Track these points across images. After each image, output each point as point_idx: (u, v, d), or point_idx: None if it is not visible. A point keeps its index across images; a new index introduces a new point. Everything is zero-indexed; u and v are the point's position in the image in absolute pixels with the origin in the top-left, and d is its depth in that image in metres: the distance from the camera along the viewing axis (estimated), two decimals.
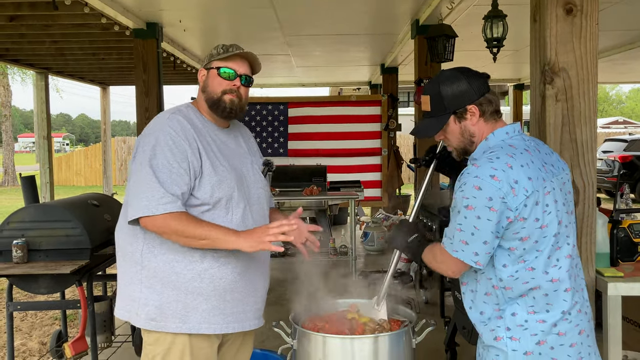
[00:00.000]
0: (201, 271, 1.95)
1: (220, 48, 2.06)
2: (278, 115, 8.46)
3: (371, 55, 8.67)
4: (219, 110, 2.04)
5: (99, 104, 11.36)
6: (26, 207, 3.44)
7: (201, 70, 2.09)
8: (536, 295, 1.67)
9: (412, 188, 9.67)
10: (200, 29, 6.58)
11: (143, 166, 1.89)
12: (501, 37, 4.29)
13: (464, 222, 1.65)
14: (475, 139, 1.77)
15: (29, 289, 3.31)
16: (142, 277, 1.95)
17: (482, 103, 1.73)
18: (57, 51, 7.24)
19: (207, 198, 1.94)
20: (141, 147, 1.95)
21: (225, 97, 2.03)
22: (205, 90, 2.05)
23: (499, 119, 1.78)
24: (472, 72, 1.75)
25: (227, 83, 2.03)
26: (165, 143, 1.90)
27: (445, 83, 1.75)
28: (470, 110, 1.74)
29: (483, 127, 1.75)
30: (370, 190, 8.21)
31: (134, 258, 1.97)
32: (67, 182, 21.44)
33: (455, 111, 1.74)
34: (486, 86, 1.74)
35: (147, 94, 5.87)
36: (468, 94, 1.72)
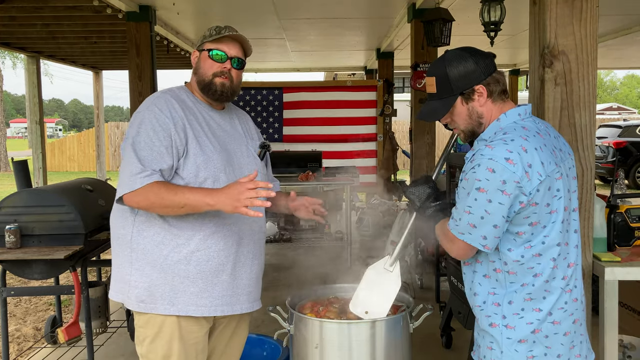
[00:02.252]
0: (188, 254, 1.94)
1: (213, 30, 2.04)
2: (273, 100, 8.40)
3: (367, 40, 8.60)
4: (210, 92, 2.03)
5: (91, 89, 11.24)
6: (19, 192, 3.40)
7: (194, 52, 2.09)
8: (537, 282, 1.65)
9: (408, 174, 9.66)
10: (194, 12, 6.49)
11: (128, 144, 1.91)
12: (499, 20, 4.25)
13: (474, 204, 1.59)
14: (483, 120, 1.71)
15: (22, 275, 3.28)
16: (133, 260, 1.96)
17: (490, 83, 1.68)
18: (48, 34, 7.14)
19: (192, 178, 1.93)
20: (130, 127, 1.97)
21: (216, 79, 2.02)
22: (197, 72, 2.05)
23: (507, 99, 1.73)
24: (478, 52, 1.70)
25: (218, 65, 2.01)
26: (149, 121, 1.91)
27: (451, 63, 1.68)
28: (478, 90, 1.68)
29: (491, 107, 1.70)
30: (365, 176, 8.19)
31: (125, 241, 1.98)
32: (60, 168, 21.31)
33: (462, 92, 1.69)
34: (493, 65, 1.69)
35: (140, 78, 5.80)
36: (475, 74, 1.66)
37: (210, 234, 1.96)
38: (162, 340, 1.96)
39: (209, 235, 1.96)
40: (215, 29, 2.04)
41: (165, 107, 1.94)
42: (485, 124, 1.72)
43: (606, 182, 13.49)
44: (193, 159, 1.93)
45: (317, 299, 2.30)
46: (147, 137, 1.89)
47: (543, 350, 1.66)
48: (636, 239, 2.63)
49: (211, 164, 1.95)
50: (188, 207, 1.84)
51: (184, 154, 1.92)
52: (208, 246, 1.95)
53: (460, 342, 3.86)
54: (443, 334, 3.87)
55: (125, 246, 1.98)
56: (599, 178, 13.56)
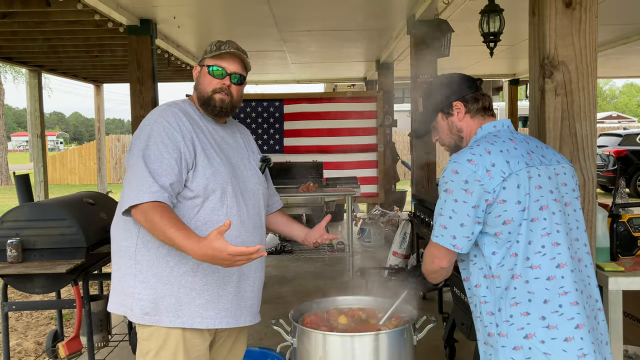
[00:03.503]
0: (194, 266, 1.94)
1: (214, 45, 2.05)
2: (273, 112, 8.43)
3: (366, 51, 8.64)
4: (209, 108, 2.04)
5: (92, 102, 11.27)
6: (20, 206, 3.41)
7: (196, 67, 2.10)
8: (517, 284, 1.66)
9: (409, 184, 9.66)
10: (195, 25, 6.53)
11: (136, 158, 1.89)
12: (498, 31, 4.27)
13: (443, 206, 1.71)
14: (463, 134, 1.87)
15: (24, 289, 3.28)
16: (136, 272, 1.95)
17: (468, 100, 1.86)
18: (50, 48, 7.17)
19: (201, 190, 1.94)
20: (136, 139, 1.96)
21: (215, 95, 2.03)
22: (197, 88, 2.06)
23: (489, 116, 1.87)
24: (460, 76, 1.90)
25: (217, 82, 2.02)
26: (158, 134, 1.91)
27: (438, 84, 1.91)
28: (455, 106, 1.86)
29: (470, 123, 1.86)
30: (366, 186, 8.20)
31: (129, 253, 1.97)
32: (62, 181, 21.34)
33: (442, 108, 1.88)
34: (473, 86, 1.88)
35: (141, 91, 5.82)
36: (453, 92, 1.87)
37: None
38: (166, 352, 1.94)
39: None
40: (215, 44, 2.05)
41: (173, 120, 1.94)
42: (466, 138, 1.87)
43: (607, 191, 13.47)
44: (202, 172, 1.93)
45: (320, 311, 2.29)
46: (157, 149, 1.88)
47: (542, 357, 1.63)
48: (638, 249, 2.62)
49: (219, 177, 1.96)
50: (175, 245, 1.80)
51: (193, 166, 1.93)
52: None
53: (464, 354, 3.83)
54: (446, 345, 3.85)
55: (128, 258, 1.97)
56: (600, 187, 13.55)
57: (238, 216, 2.01)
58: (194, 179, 1.92)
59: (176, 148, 1.90)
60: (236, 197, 2.01)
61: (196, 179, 1.93)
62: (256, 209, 2.13)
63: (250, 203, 2.09)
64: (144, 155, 1.88)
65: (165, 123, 1.93)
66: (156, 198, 1.82)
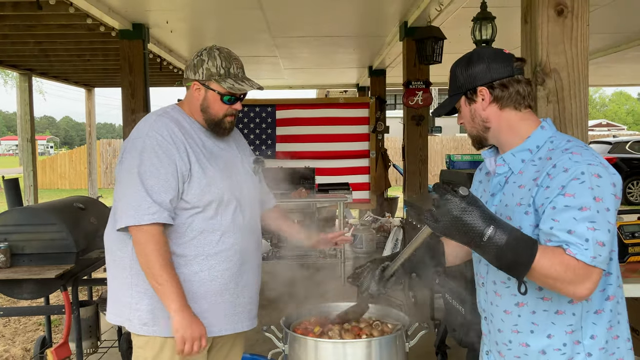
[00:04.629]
0: (191, 274, 1.92)
1: (221, 67, 1.96)
2: (266, 118, 8.42)
3: (359, 58, 8.67)
4: (220, 130, 2.03)
5: (83, 106, 11.21)
6: (9, 211, 3.37)
7: (196, 84, 2.00)
8: (613, 307, 1.49)
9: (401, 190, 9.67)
10: (187, 30, 6.53)
11: (131, 173, 1.86)
12: (490, 38, 4.30)
13: (597, 217, 1.33)
14: (489, 125, 1.57)
15: (12, 295, 3.23)
16: (133, 282, 1.93)
17: (495, 87, 1.53)
18: (41, 52, 7.14)
19: (197, 201, 1.92)
20: (128, 153, 1.92)
21: (226, 119, 2.02)
22: (206, 112, 2.01)
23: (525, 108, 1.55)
24: (498, 54, 1.56)
25: (228, 107, 2.01)
26: (152, 148, 1.87)
27: (462, 61, 1.59)
28: (480, 92, 1.55)
29: (498, 114, 1.55)
30: (358, 192, 8.19)
31: (124, 263, 1.95)
32: (52, 186, 21.17)
33: (466, 92, 1.58)
34: (508, 70, 1.53)
35: (133, 96, 5.80)
36: (481, 75, 1.54)
37: (214, 254, 1.95)
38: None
39: (213, 255, 1.94)
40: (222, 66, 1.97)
41: (165, 132, 1.91)
42: (495, 132, 1.57)
43: None
44: (197, 183, 1.91)
45: (312, 317, 2.27)
46: (152, 165, 1.85)
47: None
48: (630, 255, 2.63)
49: (214, 187, 1.94)
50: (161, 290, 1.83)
51: (188, 178, 1.91)
52: (212, 266, 1.94)
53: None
54: (438, 352, 3.84)
55: (123, 268, 1.95)
56: None
57: (234, 223, 1.99)
58: (189, 191, 1.91)
59: (171, 162, 1.87)
60: (232, 204, 1.99)
61: (191, 190, 1.91)
62: (252, 214, 2.12)
63: (246, 208, 2.07)
64: (139, 172, 1.84)
65: (158, 136, 1.89)
66: (156, 219, 1.81)
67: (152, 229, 1.82)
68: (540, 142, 1.52)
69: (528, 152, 1.53)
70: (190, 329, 1.80)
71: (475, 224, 1.30)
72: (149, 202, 1.82)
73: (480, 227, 1.30)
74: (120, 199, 1.87)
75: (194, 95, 2.02)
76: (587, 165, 1.37)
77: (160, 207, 1.82)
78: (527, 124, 1.55)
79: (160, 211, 1.82)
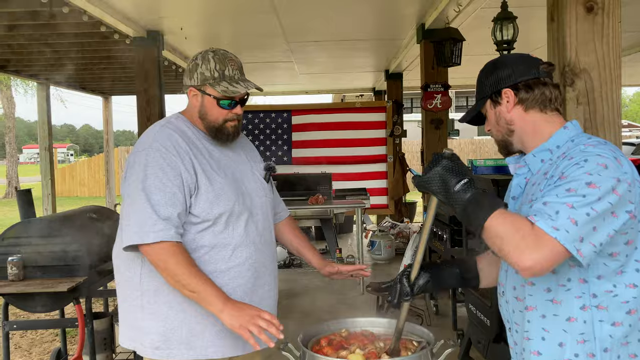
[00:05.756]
0: None
1: (215, 70, 1.86)
2: (282, 123, 8.36)
3: (375, 61, 8.57)
4: (222, 137, 1.92)
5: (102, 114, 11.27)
6: (22, 222, 3.33)
7: (192, 90, 1.92)
8: (633, 322, 1.38)
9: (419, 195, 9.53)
10: (202, 36, 6.48)
11: (135, 188, 1.77)
12: (512, 39, 4.16)
13: (579, 200, 1.28)
14: (514, 127, 1.54)
15: (25, 308, 3.19)
16: (144, 303, 1.84)
17: (520, 89, 1.51)
18: (57, 61, 7.15)
19: (206, 215, 1.82)
20: (131, 168, 1.83)
21: (227, 124, 1.91)
22: (205, 118, 1.91)
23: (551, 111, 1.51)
24: (524, 57, 1.56)
25: (227, 112, 1.90)
26: (156, 161, 1.78)
27: (487, 67, 1.59)
28: (504, 94, 1.53)
29: (523, 116, 1.52)
30: (376, 197, 8.08)
31: (133, 283, 1.86)
32: (71, 193, 21.38)
33: (490, 95, 1.56)
34: (533, 72, 1.51)
35: (148, 103, 5.76)
36: (505, 78, 1.53)
37: (226, 270, 1.85)
38: None
39: (225, 271, 1.85)
40: (216, 69, 1.87)
41: (169, 143, 1.81)
42: (519, 134, 1.54)
43: None
44: (205, 196, 1.82)
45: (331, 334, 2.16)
46: (157, 179, 1.76)
47: None
48: None
49: (223, 198, 1.84)
50: (197, 296, 1.73)
51: (195, 190, 1.81)
52: (226, 283, 1.84)
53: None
54: None
55: (133, 289, 1.86)
56: None
57: (246, 236, 1.90)
58: (197, 204, 1.81)
59: (177, 174, 1.78)
60: (243, 216, 1.89)
61: (199, 203, 1.81)
62: (265, 224, 2.02)
63: (259, 219, 1.97)
64: (144, 187, 1.75)
65: (161, 148, 1.80)
66: (161, 237, 1.72)
67: (164, 245, 1.73)
68: (561, 142, 1.48)
69: (548, 152, 1.50)
70: (242, 316, 1.67)
71: (450, 175, 1.37)
72: (155, 219, 1.73)
73: (453, 179, 1.37)
74: (126, 216, 1.79)
75: (192, 102, 1.94)
76: (595, 156, 1.34)
77: (167, 224, 1.73)
78: (551, 125, 1.52)
79: (167, 228, 1.73)
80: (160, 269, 1.75)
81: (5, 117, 21.12)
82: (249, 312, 1.69)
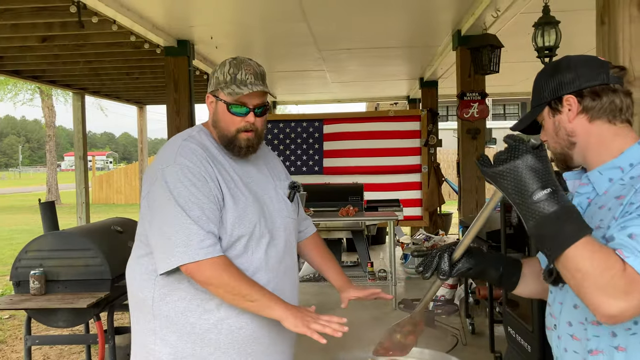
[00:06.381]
0: (217, 321, 1.69)
1: (228, 74, 1.75)
2: (313, 132, 8.25)
3: (409, 69, 8.38)
4: (235, 150, 1.77)
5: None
6: (45, 235, 3.28)
7: (209, 96, 1.81)
8: None
9: (454, 205, 9.26)
10: (233, 45, 6.42)
11: (168, 206, 1.63)
12: (554, 45, 3.93)
13: None
14: (575, 139, 1.33)
15: (47, 323, 3.13)
16: (155, 327, 1.72)
17: (585, 96, 1.30)
18: (91, 71, 7.22)
19: (226, 236, 1.68)
20: (155, 184, 1.69)
21: (240, 135, 1.76)
22: (217, 126, 1.78)
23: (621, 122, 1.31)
24: (590, 60, 1.36)
25: (240, 119, 1.75)
26: (186, 177, 1.65)
27: (547, 70, 1.39)
28: (566, 101, 1.32)
29: (588, 128, 1.31)
30: (409, 209, 7.87)
31: (146, 306, 1.74)
32: (108, 201, 21.78)
33: (550, 101, 1.36)
34: (602, 77, 1.31)
35: (178, 113, 5.73)
36: (568, 83, 1.31)
37: None
38: None
39: None
40: (229, 72, 1.75)
41: (194, 157, 1.69)
42: (582, 148, 1.33)
43: None
44: (227, 216, 1.68)
45: None
46: (191, 194, 1.63)
47: None
48: None
49: (245, 220, 1.71)
50: (257, 304, 1.62)
51: (222, 210, 1.68)
52: (240, 312, 1.69)
53: None
54: None
55: (146, 312, 1.74)
56: None
57: (266, 261, 1.75)
58: (221, 225, 1.68)
59: (209, 191, 1.66)
60: (264, 239, 1.75)
61: (223, 224, 1.68)
62: (287, 248, 1.86)
63: (281, 242, 1.82)
64: (179, 204, 1.62)
65: (188, 164, 1.67)
66: (212, 253, 1.60)
67: (214, 260, 1.61)
68: (635, 160, 1.26)
69: (618, 170, 1.29)
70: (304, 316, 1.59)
71: (531, 177, 1.11)
72: (202, 235, 1.60)
73: (534, 183, 1.11)
74: (162, 236, 1.64)
75: (209, 110, 1.83)
76: None
77: (213, 239, 1.62)
78: (621, 140, 1.30)
79: (214, 243, 1.62)
80: (214, 285, 1.62)
81: (46, 126, 21.74)
82: (308, 312, 1.62)
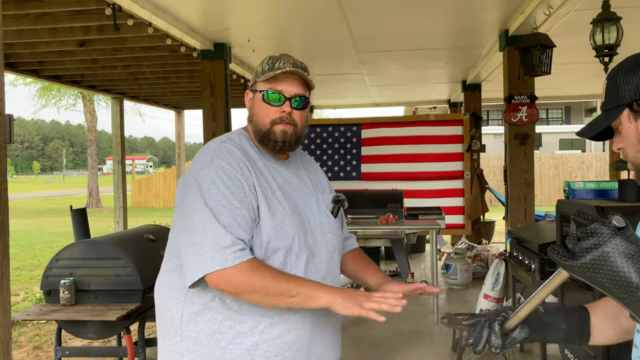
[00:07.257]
0: (251, 346, 1.51)
1: (266, 63, 1.64)
2: (351, 137, 8.05)
3: (451, 72, 8.09)
4: (270, 144, 1.62)
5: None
6: (76, 243, 3.18)
7: (247, 93, 1.69)
8: None
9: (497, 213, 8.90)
10: (270, 48, 6.29)
11: (198, 209, 1.49)
12: (615, 43, 3.63)
13: None
14: None
15: (77, 334, 3.03)
16: (183, 350, 1.56)
17: None
18: (129, 75, 7.22)
19: (262, 250, 1.51)
20: (189, 189, 1.54)
21: (275, 127, 1.61)
22: (252, 120, 1.65)
23: None
24: None
25: (276, 110, 1.61)
26: (220, 179, 1.51)
27: (626, 65, 1.18)
28: None
29: None
30: (451, 217, 7.58)
31: (174, 326, 1.58)
32: (147, 204, 22.06)
33: (631, 103, 1.17)
34: None
35: (214, 118, 5.63)
36: None
37: (279, 322, 1.53)
38: None
39: (278, 322, 1.52)
40: (267, 63, 1.64)
41: (232, 160, 1.55)
42: None
43: None
44: (263, 226, 1.53)
45: None
46: (224, 198, 1.49)
47: None
48: None
49: (283, 232, 1.54)
50: (300, 298, 1.44)
51: (257, 219, 1.53)
52: (277, 336, 1.52)
53: None
54: None
55: (174, 333, 1.58)
56: None
57: (305, 277, 1.57)
58: (255, 235, 1.52)
59: (244, 194, 1.51)
60: (303, 255, 1.57)
61: (257, 234, 1.52)
62: (329, 266, 1.67)
63: (322, 261, 1.64)
64: (210, 207, 1.48)
65: (224, 165, 1.54)
66: (241, 258, 1.44)
67: (244, 266, 1.44)
68: None
69: None
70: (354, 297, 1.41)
71: (630, 267, 0.93)
72: (231, 240, 1.44)
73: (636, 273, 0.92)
74: (189, 243, 1.49)
75: (247, 107, 1.70)
76: None
77: (242, 244, 1.46)
78: None
79: (244, 247, 1.46)
80: (248, 292, 1.46)
81: (88, 130, 22.21)
82: (358, 292, 1.44)
